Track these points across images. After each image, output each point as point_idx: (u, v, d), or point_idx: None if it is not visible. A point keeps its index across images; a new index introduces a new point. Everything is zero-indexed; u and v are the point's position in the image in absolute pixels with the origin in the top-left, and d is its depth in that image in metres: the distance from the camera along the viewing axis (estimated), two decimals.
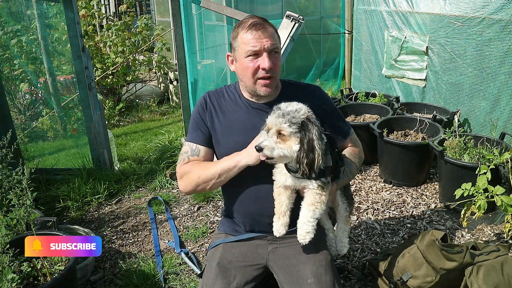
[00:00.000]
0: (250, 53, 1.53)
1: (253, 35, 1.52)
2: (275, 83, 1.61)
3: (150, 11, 10.43)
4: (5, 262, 1.73)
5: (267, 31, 1.53)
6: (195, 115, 1.71)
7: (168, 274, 2.38)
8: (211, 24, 5.19)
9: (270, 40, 1.53)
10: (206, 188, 1.63)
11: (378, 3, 4.50)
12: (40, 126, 3.81)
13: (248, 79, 1.58)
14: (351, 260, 2.46)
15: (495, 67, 3.36)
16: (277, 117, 1.39)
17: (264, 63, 1.52)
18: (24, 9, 3.57)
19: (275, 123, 1.39)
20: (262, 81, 1.56)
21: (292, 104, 1.44)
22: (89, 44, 5.85)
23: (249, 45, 1.52)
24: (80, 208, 3.14)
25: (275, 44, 1.55)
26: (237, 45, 1.57)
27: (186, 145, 1.71)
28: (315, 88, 1.76)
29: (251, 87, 1.60)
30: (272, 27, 1.58)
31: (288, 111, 1.40)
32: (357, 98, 4.45)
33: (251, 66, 1.54)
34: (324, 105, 1.70)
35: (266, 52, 1.53)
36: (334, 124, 1.72)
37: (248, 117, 1.64)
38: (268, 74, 1.54)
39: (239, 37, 1.56)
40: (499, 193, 2.30)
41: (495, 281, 1.78)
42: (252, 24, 1.53)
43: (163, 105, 6.56)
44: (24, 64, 3.70)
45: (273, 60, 1.54)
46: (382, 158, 3.43)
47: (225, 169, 1.57)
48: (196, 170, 1.62)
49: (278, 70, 1.59)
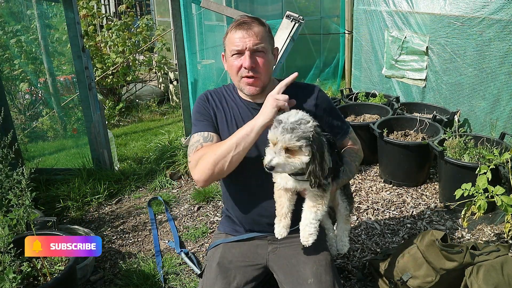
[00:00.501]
0: (234, 52, 1.55)
1: (238, 34, 1.54)
2: (260, 83, 1.59)
3: (150, 11, 10.43)
4: (6, 262, 1.73)
5: (252, 30, 1.54)
6: (198, 108, 1.69)
7: (168, 274, 2.38)
8: (211, 24, 5.19)
9: (253, 40, 1.53)
10: (225, 166, 1.50)
11: (378, 3, 4.50)
12: (40, 126, 3.81)
13: (234, 77, 1.62)
14: (351, 260, 2.46)
15: (495, 67, 3.36)
16: (283, 133, 1.31)
17: (245, 62, 1.53)
18: (24, 9, 3.57)
19: (283, 139, 1.31)
20: (245, 79, 1.57)
21: (292, 114, 1.38)
22: (89, 44, 5.85)
23: (234, 44, 1.54)
24: (80, 208, 3.14)
25: (258, 43, 1.54)
26: (226, 44, 1.61)
27: (196, 135, 1.65)
28: (314, 87, 1.75)
29: (238, 85, 1.63)
30: (262, 26, 1.58)
31: (293, 124, 1.33)
32: (357, 98, 4.45)
33: (235, 65, 1.56)
34: (323, 104, 1.71)
35: (249, 51, 1.53)
36: (333, 123, 1.73)
37: (247, 116, 1.65)
38: (250, 73, 1.55)
39: (228, 36, 1.59)
40: (499, 193, 2.30)
41: (495, 281, 1.78)
42: (239, 24, 1.55)
43: (163, 105, 6.56)
44: (24, 64, 3.70)
45: (255, 60, 1.55)
46: (382, 158, 3.43)
47: (242, 136, 1.48)
48: (212, 149, 1.55)
49: (263, 69, 1.57)
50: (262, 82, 1.60)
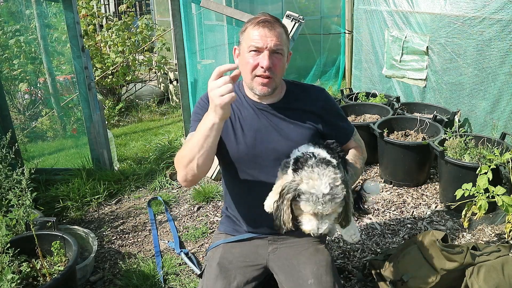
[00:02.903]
0: (252, 48, 1.51)
1: (259, 31, 1.50)
2: (273, 84, 1.58)
3: (150, 11, 10.42)
4: (4, 262, 1.73)
5: (275, 30, 1.51)
6: (197, 108, 1.68)
7: (168, 275, 2.38)
8: (211, 24, 5.18)
9: (275, 40, 1.50)
10: (195, 170, 1.46)
11: (378, 3, 4.50)
12: (40, 126, 3.80)
13: (246, 75, 1.57)
14: (351, 261, 2.45)
15: (496, 67, 3.36)
16: (324, 205, 1.28)
17: (263, 61, 1.50)
18: (24, 9, 3.56)
19: (324, 210, 1.29)
20: (259, 79, 1.54)
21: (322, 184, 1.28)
22: (89, 44, 5.85)
23: (254, 40, 1.51)
24: (80, 208, 3.14)
25: (279, 45, 1.52)
26: (243, 39, 1.57)
27: (188, 136, 1.65)
28: (319, 90, 1.74)
29: (249, 83, 1.59)
30: (283, 28, 1.56)
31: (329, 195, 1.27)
32: (357, 98, 4.45)
33: (251, 63, 1.52)
34: (328, 106, 1.70)
35: (268, 51, 1.50)
36: (337, 126, 1.72)
37: (254, 117, 1.63)
38: (266, 73, 1.52)
39: (247, 31, 1.54)
40: (500, 193, 2.29)
41: (495, 281, 1.78)
42: (261, 21, 1.52)
43: (163, 105, 6.55)
44: (23, 64, 3.70)
45: (273, 60, 1.52)
46: (383, 158, 3.42)
47: (203, 137, 1.41)
48: (180, 155, 1.53)
49: (279, 71, 1.56)
50: (275, 84, 1.58)
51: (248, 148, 1.60)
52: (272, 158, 1.59)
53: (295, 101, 1.66)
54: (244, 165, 1.63)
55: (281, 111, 1.63)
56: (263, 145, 1.60)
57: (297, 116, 1.64)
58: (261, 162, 1.61)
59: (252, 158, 1.61)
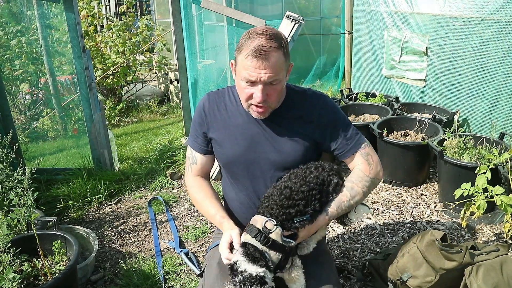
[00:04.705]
0: (246, 80, 1.44)
1: (253, 63, 1.38)
2: (270, 110, 1.53)
3: (151, 11, 10.42)
4: (6, 261, 1.74)
5: (269, 61, 1.38)
6: (194, 120, 1.70)
7: (169, 274, 2.39)
8: (211, 24, 5.19)
9: (268, 73, 1.39)
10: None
11: (378, 3, 4.51)
12: (41, 126, 3.81)
13: (242, 101, 1.54)
14: (351, 260, 2.47)
15: (494, 67, 3.37)
16: None
17: (257, 94, 1.44)
18: (25, 10, 3.57)
19: None
20: (254, 107, 1.50)
21: None
22: (89, 45, 5.86)
23: (246, 72, 1.41)
24: (81, 208, 3.15)
25: (273, 77, 1.41)
26: (238, 61, 1.47)
27: (188, 148, 1.76)
28: (320, 96, 1.64)
29: (245, 107, 1.55)
30: (280, 49, 1.42)
31: None
32: (357, 98, 4.45)
33: (246, 92, 1.47)
34: (328, 115, 1.60)
35: (262, 84, 1.42)
36: (338, 136, 1.59)
37: (248, 126, 1.61)
38: (260, 105, 1.48)
39: (240, 56, 1.43)
40: (498, 193, 2.30)
41: (494, 281, 1.79)
42: (256, 50, 1.38)
43: (163, 105, 6.57)
44: (24, 65, 3.71)
45: (268, 91, 1.45)
46: (382, 158, 3.38)
47: (211, 219, 1.66)
48: (195, 198, 1.73)
49: (275, 99, 1.50)
50: (271, 109, 1.54)
51: (240, 157, 1.60)
52: (266, 168, 1.60)
53: (293, 109, 1.60)
54: (241, 165, 1.64)
55: (276, 119, 1.58)
56: (256, 154, 1.60)
57: (292, 126, 1.58)
58: (253, 170, 1.62)
59: (245, 166, 1.62)
